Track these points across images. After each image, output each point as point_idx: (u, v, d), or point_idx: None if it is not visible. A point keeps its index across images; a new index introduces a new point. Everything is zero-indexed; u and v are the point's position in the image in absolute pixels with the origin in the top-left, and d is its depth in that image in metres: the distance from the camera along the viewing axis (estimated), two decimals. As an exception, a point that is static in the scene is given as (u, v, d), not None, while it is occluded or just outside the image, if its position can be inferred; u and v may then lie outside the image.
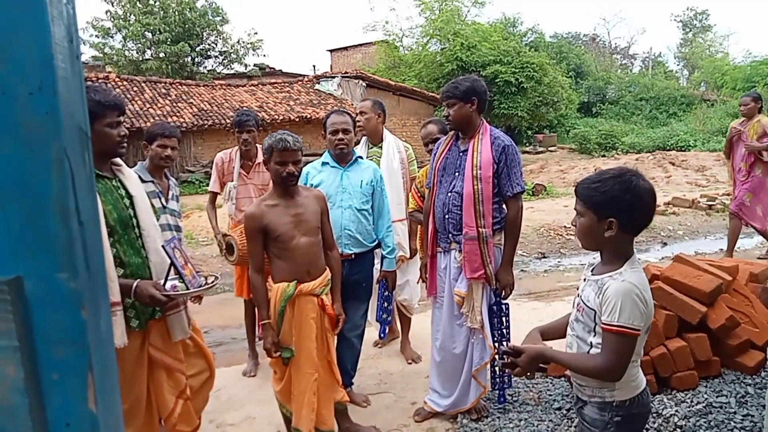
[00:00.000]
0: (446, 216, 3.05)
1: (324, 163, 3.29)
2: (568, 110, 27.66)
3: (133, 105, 15.05)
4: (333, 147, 3.24)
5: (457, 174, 3.02)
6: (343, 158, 3.26)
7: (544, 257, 7.69)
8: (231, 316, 5.09)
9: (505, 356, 1.82)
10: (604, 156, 22.56)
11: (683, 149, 22.12)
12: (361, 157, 3.38)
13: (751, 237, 8.60)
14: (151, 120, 14.05)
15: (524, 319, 4.65)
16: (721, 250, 7.70)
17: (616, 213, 1.63)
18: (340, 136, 3.20)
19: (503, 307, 3.10)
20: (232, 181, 3.89)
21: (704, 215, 9.31)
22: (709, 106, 29.02)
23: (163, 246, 2.27)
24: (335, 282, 2.85)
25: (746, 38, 76.50)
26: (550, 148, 25.85)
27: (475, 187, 2.91)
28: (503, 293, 3.03)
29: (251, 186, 3.89)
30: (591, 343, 1.73)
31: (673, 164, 16.48)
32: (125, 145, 2.29)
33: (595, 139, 24.64)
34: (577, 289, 1.86)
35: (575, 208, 1.75)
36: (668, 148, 22.63)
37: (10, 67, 0.45)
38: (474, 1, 27.76)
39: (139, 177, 2.57)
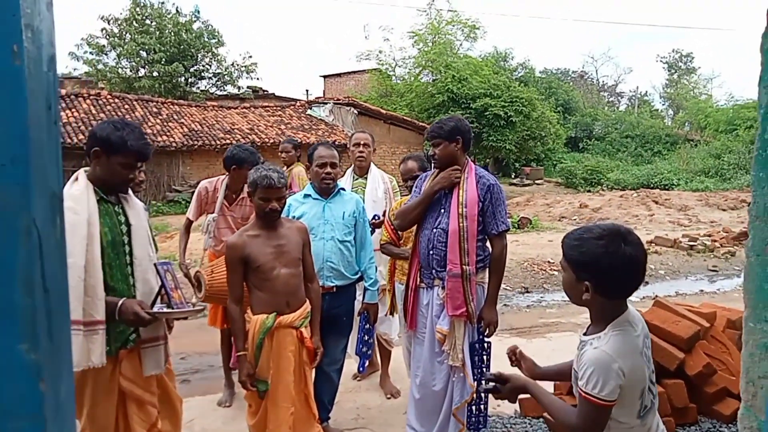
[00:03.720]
0: (431, 252, 3.06)
1: (306, 195, 3.30)
2: (555, 144, 28.10)
3: (122, 122, 15.03)
4: (319, 180, 3.25)
5: (442, 210, 3.04)
6: (327, 191, 3.27)
7: (527, 292, 7.70)
8: (209, 342, 5.01)
9: (490, 382, 1.85)
10: (589, 191, 22.83)
11: (667, 188, 22.47)
12: (343, 189, 3.39)
13: (731, 278, 8.71)
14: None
15: (505, 356, 4.64)
16: (702, 291, 7.79)
17: (592, 276, 1.56)
18: (328, 169, 3.21)
19: (485, 345, 3.09)
20: (213, 213, 3.85)
21: (685, 255, 9.42)
22: (693, 146, 29.64)
23: (155, 264, 2.28)
24: (315, 314, 2.84)
25: (729, 82, 78.76)
26: (536, 181, 26.14)
27: (461, 224, 2.93)
28: (487, 331, 3.03)
29: (230, 218, 3.85)
30: None
31: (657, 202, 16.71)
32: (130, 187, 2.34)
33: (581, 174, 24.99)
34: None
35: (560, 261, 1.71)
36: (652, 186, 22.98)
37: (-18, 141, 0.46)
38: (467, 35, 28.32)
39: None
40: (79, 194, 2.14)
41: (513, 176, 26.66)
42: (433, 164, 3.17)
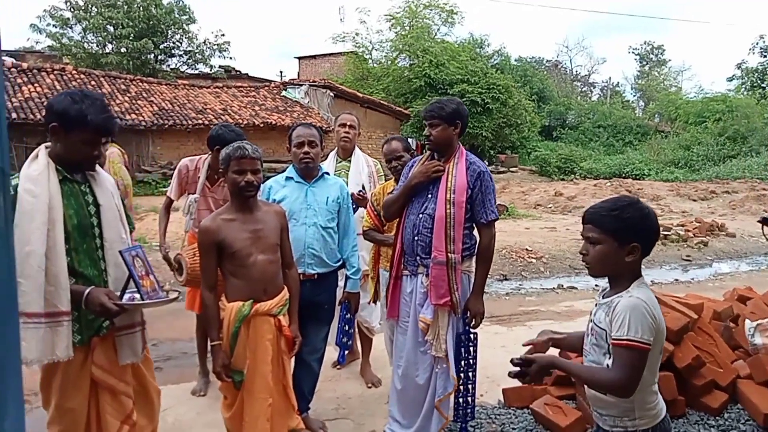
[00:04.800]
0: (416, 238, 2.94)
1: (288, 178, 3.14)
2: (530, 132, 28.28)
3: (89, 99, 14.52)
4: (298, 161, 3.10)
5: (429, 196, 2.92)
6: (309, 173, 3.11)
7: (506, 279, 7.68)
8: (183, 328, 4.82)
9: (516, 366, 1.83)
10: (563, 179, 23.05)
11: (638, 177, 22.83)
12: (327, 173, 3.24)
13: (703, 268, 8.85)
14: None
15: (486, 344, 4.56)
16: (676, 280, 7.88)
17: (639, 238, 1.70)
18: (306, 149, 3.06)
19: (471, 336, 3.00)
20: (194, 193, 3.67)
21: (659, 245, 9.51)
22: (663, 137, 30.19)
23: (120, 252, 2.09)
24: (293, 302, 2.70)
25: (699, 74, 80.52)
26: (511, 169, 26.32)
27: (448, 210, 2.82)
28: (473, 322, 2.93)
29: (211, 199, 3.67)
30: (607, 365, 1.72)
31: (630, 192, 16.91)
32: (96, 165, 2.17)
33: (555, 162, 25.21)
34: (590, 314, 1.86)
35: (587, 236, 1.77)
36: (624, 175, 23.33)
37: None
38: (444, 20, 28.14)
39: None
40: (37, 175, 1.95)
41: (488, 163, 26.74)
42: (425, 146, 3.05)
